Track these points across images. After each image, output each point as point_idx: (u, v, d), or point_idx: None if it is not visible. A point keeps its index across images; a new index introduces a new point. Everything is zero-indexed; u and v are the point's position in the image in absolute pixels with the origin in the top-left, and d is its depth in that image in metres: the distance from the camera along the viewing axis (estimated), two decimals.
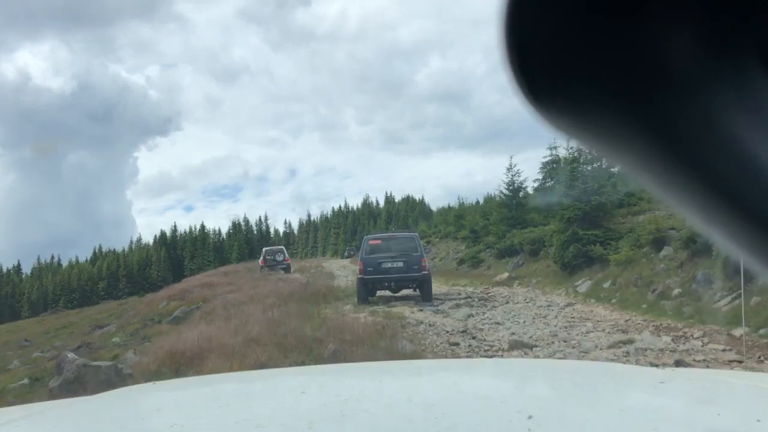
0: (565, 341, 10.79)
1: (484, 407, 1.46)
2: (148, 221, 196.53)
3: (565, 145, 22.05)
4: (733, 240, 0.31)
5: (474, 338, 11.70)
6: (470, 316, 15.32)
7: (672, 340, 10.33)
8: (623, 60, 0.29)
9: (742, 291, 9.88)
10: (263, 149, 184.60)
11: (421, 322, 13.73)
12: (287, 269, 36.04)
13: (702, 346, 9.86)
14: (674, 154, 0.30)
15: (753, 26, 0.27)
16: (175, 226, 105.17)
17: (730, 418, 1.31)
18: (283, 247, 42.22)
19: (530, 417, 1.22)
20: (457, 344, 11.07)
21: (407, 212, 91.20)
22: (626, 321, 12.69)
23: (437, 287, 24.05)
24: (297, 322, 11.95)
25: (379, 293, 18.05)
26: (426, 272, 17.28)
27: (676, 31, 0.28)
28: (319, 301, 18.72)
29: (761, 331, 9.95)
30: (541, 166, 31.79)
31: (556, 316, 14.39)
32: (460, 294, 20.31)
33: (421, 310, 16.06)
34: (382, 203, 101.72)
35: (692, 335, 10.56)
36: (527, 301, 17.92)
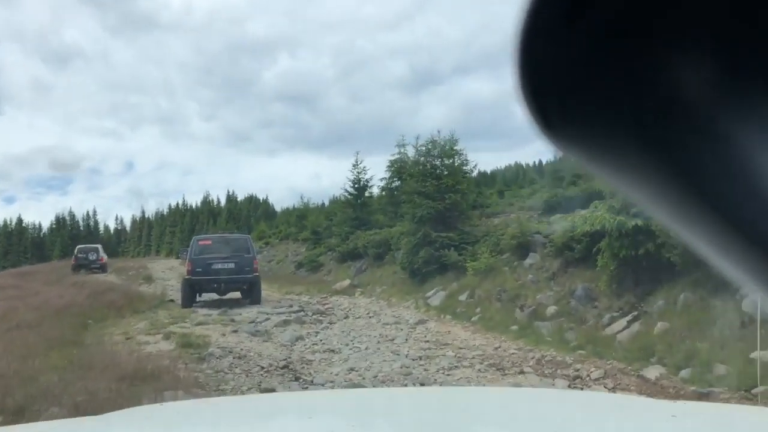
0: (423, 384, 7.47)
1: None
2: None
3: (414, 143, 19.21)
4: (746, 271, 0.30)
5: (297, 379, 8.09)
6: (299, 338, 11.73)
7: (568, 384, 7.31)
8: (635, 89, 0.29)
9: (758, 335, 7.05)
10: (98, 140, 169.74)
11: (230, 352, 9.91)
12: (102, 269, 33.03)
13: (607, 392, 6.89)
14: (688, 183, 0.29)
15: (765, 59, 0.27)
16: None
17: None
18: (99, 246, 38.60)
19: None
20: (273, 390, 7.43)
21: (250, 212, 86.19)
22: (496, 349, 9.64)
23: (267, 296, 20.17)
24: (29, 360, 7.68)
25: (205, 296, 16.93)
26: (257, 274, 16.77)
27: (688, 60, 0.28)
28: (108, 315, 14.31)
29: (683, 374, 7.16)
30: (388, 164, 28.99)
31: (406, 339, 11.14)
32: (292, 305, 16.61)
33: (236, 332, 12.21)
34: (223, 202, 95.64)
35: (590, 376, 7.62)
36: (371, 315, 14.61)
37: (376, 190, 29.52)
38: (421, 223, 16.43)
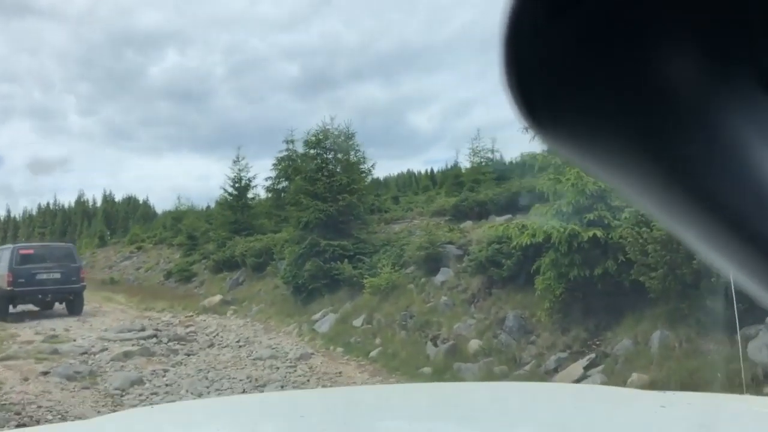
0: None
1: (486, 429, 1.45)
2: None
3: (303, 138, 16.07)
4: (734, 263, 0.30)
5: None
6: (136, 382, 8.34)
7: None
8: (621, 81, 0.29)
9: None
10: None
11: (16, 415, 6.42)
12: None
13: None
14: (676, 177, 0.30)
15: (753, 50, 0.28)
16: None
17: None
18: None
19: None
20: None
21: (128, 213, 79.47)
22: None
23: (119, 314, 16.28)
24: None
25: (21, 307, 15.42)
26: (84, 284, 15.90)
27: (673, 52, 0.28)
28: None
29: None
30: (275, 162, 25.65)
31: (282, 386, 8.01)
32: (144, 328, 12.96)
33: (47, 373, 8.60)
34: (99, 202, 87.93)
35: None
36: (241, 344, 11.33)
37: (261, 192, 26.11)
38: (308, 229, 13.33)
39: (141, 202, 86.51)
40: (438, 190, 26.64)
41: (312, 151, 14.25)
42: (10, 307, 14.74)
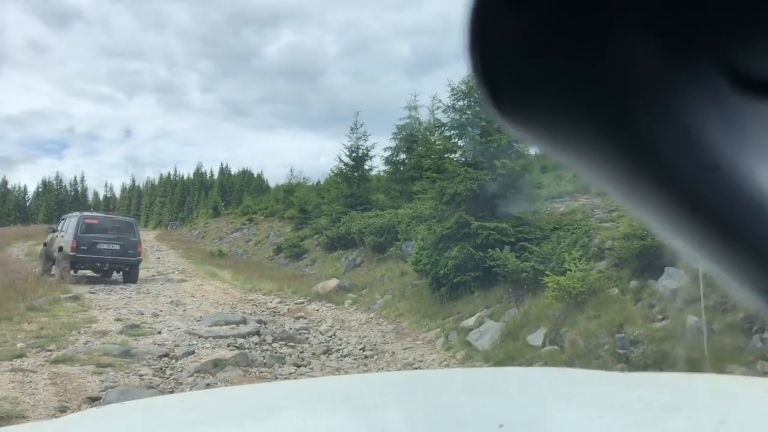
0: None
1: (456, 417, 1.39)
2: None
3: (429, 105, 12.63)
4: (697, 246, 0.31)
5: None
6: None
7: None
8: (588, 69, 0.29)
9: None
10: (94, 105, 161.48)
11: None
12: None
13: None
14: (641, 160, 0.30)
15: (720, 43, 0.27)
16: None
17: (695, 421, 1.32)
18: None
19: (501, 426, 1.16)
20: None
21: (242, 186, 79.60)
22: None
23: (221, 295, 13.63)
24: None
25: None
26: (140, 257, 16.11)
27: (641, 44, 0.28)
28: None
29: None
30: (395, 131, 22.43)
31: None
32: (246, 319, 10.06)
33: (95, 401, 5.72)
34: (216, 175, 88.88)
35: None
36: (367, 353, 8.22)
37: (379, 162, 22.98)
38: (454, 203, 9.91)
39: (255, 175, 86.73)
40: None
41: (461, 103, 10.74)
42: (72, 271, 15.10)
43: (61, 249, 15.23)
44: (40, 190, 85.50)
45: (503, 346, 7.46)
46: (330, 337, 9.47)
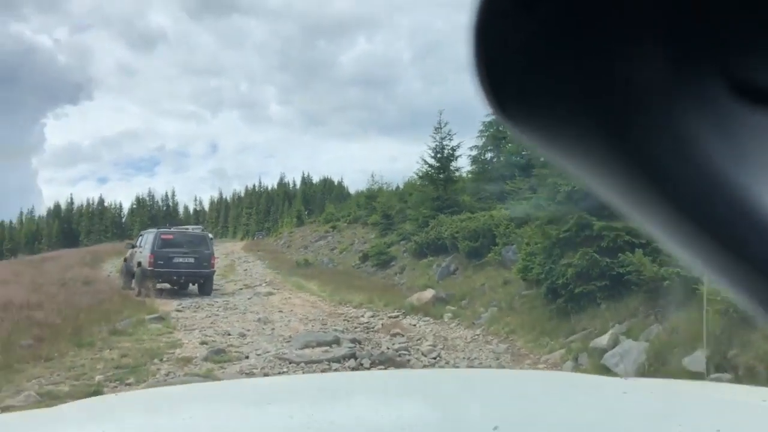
0: None
1: (450, 418, 1.42)
2: (57, 192, 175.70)
3: None
4: (694, 253, 0.31)
5: None
6: None
7: None
8: (590, 75, 0.29)
9: None
10: (181, 123, 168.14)
11: None
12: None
13: None
14: (639, 167, 0.30)
15: (722, 53, 0.28)
16: (71, 198, 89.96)
17: (691, 428, 1.31)
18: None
19: (496, 428, 1.16)
20: None
21: (324, 194, 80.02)
22: None
23: (310, 310, 12.72)
24: None
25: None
26: (214, 269, 16.28)
27: (644, 54, 0.28)
28: (59, 334, 7.12)
29: None
30: (481, 129, 21.02)
31: None
32: (338, 341, 9.04)
33: None
34: (298, 184, 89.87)
35: None
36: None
37: (464, 162, 21.69)
38: (571, 202, 8.52)
39: (335, 183, 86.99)
40: None
41: None
42: (150, 284, 15.08)
43: (139, 264, 15.58)
44: (134, 206, 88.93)
45: (653, 373, 6.05)
46: (434, 359, 8.30)
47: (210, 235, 17.64)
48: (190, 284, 16.05)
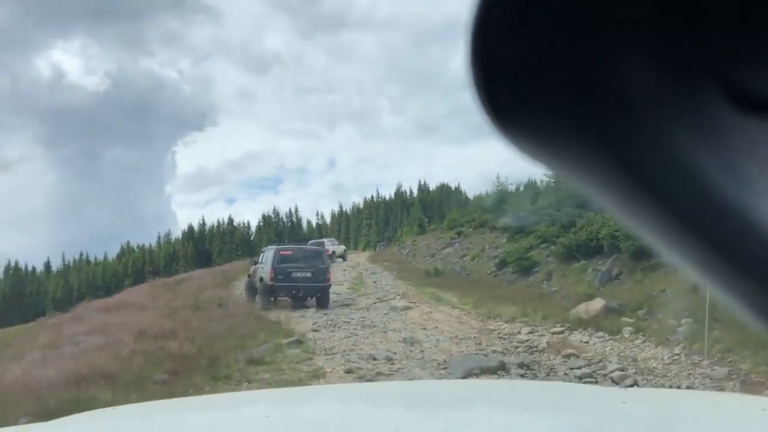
0: None
1: (449, 429, 1.39)
2: (189, 214, 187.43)
3: None
4: (690, 261, 0.30)
5: None
6: None
7: None
8: (587, 88, 0.29)
9: None
10: (299, 141, 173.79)
11: None
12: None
13: None
14: (633, 176, 0.30)
15: (719, 64, 0.28)
16: (203, 219, 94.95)
17: None
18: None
19: None
20: None
21: (442, 201, 78.80)
22: None
23: (454, 327, 11.33)
24: None
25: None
26: (329, 283, 16.49)
27: (636, 60, 0.28)
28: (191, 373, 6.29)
29: None
30: None
31: None
32: (504, 367, 7.56)
33: None
34: (415, 192, 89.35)
35: None
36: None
37: None
38: None
39: (453, 189, 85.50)
40: None
41: None
42: (272, 298, 15.92)
43: (261, 279, 16.30)
44: (261, 224, 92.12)
45: None
46: (630, 386, 6.62)
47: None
48: (309, 298, 16.28)
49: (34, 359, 8.54)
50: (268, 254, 16.96)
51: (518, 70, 0.30)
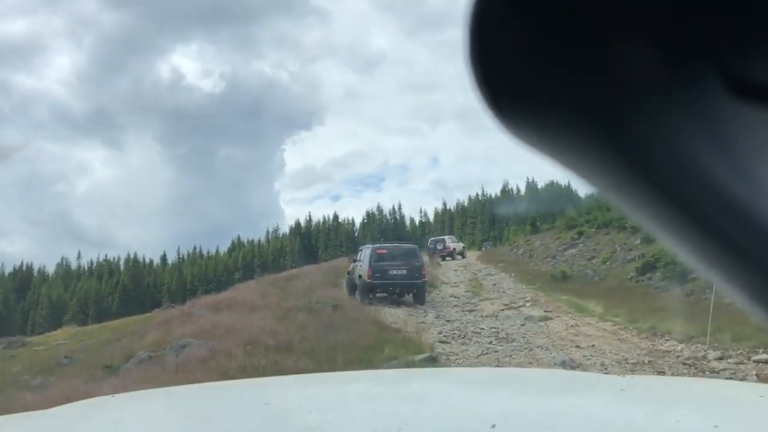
0: None
1: (447, 416, 1.37)
2: (296, 211, 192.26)
3: None
4: (693, 252, 0.31)
5: None
6: None
7: None
8: (588, 78, 0.29)
9: None
10: (403, 139, 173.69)
11: None
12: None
13: None
14: (635, 167, 0.30)
15: (718, 51, 0.28)
16: (309, 215, 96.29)
17: (689, 425, 1.28)
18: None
19: (494, 426, 1.10)
20: None
21: (551, 199, 75.10)
22: None
23: (613, 347, 9.33)
24: None
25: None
26: (425, 279, 16.76)
27: (641, 53, 0.28)
28: None
29: None
30: None
31: None
32: None
33: None
34: (523, 190, 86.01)
35: None
36: None
37: None
38: None
39: (563, 186, 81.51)
40: None
41: None
42: (370, 295, 16.27)
43: (360, 276, 16.80)
44: (365, 221, 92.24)
45: None
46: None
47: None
48: (405, 294, 16.65)
49: (131, 372, 7.51)
50: (365, 252, 17.39)
51: (517, 60, 0.30)
